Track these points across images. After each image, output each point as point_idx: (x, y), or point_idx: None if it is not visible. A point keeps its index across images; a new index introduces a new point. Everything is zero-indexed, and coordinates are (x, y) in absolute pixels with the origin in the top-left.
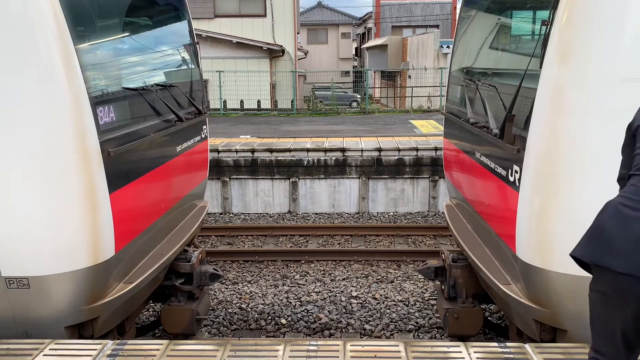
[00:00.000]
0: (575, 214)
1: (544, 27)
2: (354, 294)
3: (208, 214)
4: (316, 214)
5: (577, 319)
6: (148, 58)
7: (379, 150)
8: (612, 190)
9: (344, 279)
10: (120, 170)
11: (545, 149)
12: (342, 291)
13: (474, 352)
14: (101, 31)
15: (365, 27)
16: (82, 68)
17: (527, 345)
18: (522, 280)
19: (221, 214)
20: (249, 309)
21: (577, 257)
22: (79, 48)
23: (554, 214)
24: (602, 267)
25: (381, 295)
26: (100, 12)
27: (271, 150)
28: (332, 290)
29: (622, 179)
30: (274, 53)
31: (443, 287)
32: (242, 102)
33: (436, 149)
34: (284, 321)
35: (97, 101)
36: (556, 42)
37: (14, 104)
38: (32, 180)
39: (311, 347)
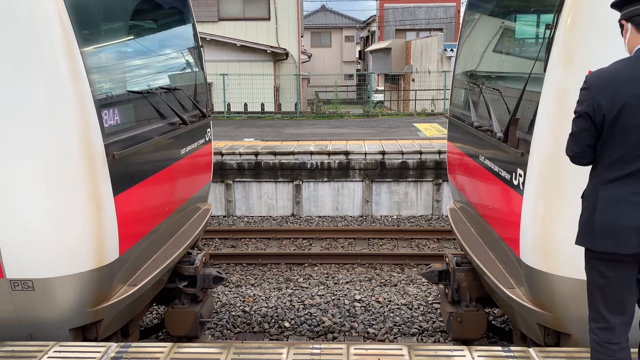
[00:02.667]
0: (578, 216)
1: (548, 31)
2: (358, 297)
3: (212, 216)
4: (320, 217)
5: (582, 323)
6: (153, 61)
7: (383, 153)
8: None
9: (347, 282)
10: (125, 173)
11: (550, 152)
12: (345, 294)
13: (478, 355)
14: (106, 34)
15: (368, 31)
16: (87, 71)
17: (531, 349)
18: (526, 284)
19: (225, 216)
20: (253, 312)
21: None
22: (84, 51)
23: (558, 217)
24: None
25: (385, 299)
26: (106, 15)
27: (275, 153)
28: (335, 293)
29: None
30: (277, 56)
31: (447, 290)
32: (245, 105)
33: (440, 152)
34: (287, 324)
35: (102, 104)
36: (560, 46)
37: (20, 107)
38: (37, 182)
39: (315, 351)
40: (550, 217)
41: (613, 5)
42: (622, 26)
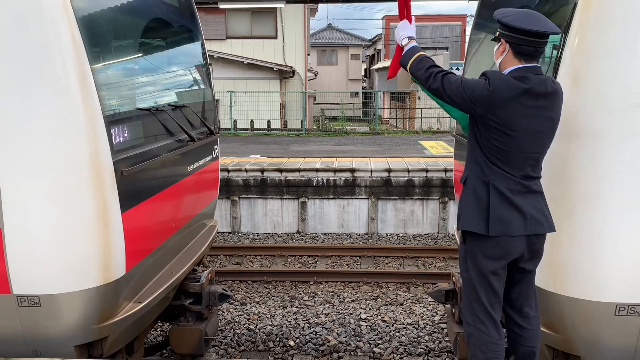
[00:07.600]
0: (587, 238)
1: (555, 51)
2: (363, 316)
3: (217, 233)
4: (325, 234)
5: (591, 345)
6: (161, 78)
7: (389, 171)
8: (625, 213)
9: (352, 301)
10: (133, 190)
11: (557, 172)
12: (351, 313)
13: None
14: (116, 52)
15: (374, 49)
16: (97, 88)
17: None
18: None
19: (230, 233)
20: (257, 330)
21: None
22: (94, 68)
23: (566, 238)
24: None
25: (390, 318)
26: (116, 33)
27: (280, 170)
28: (340, 312)
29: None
30: (284, 74)
31: (454, 310)
32: (252, 122)
33: (446, 171)
34: (292, 343)
35: (112, 121)
36: (567, 66)
37: (30, 122)
38: (45, 198)
39: None
40: (559, 237)
41: (499, 22)
42: (498, 40)
